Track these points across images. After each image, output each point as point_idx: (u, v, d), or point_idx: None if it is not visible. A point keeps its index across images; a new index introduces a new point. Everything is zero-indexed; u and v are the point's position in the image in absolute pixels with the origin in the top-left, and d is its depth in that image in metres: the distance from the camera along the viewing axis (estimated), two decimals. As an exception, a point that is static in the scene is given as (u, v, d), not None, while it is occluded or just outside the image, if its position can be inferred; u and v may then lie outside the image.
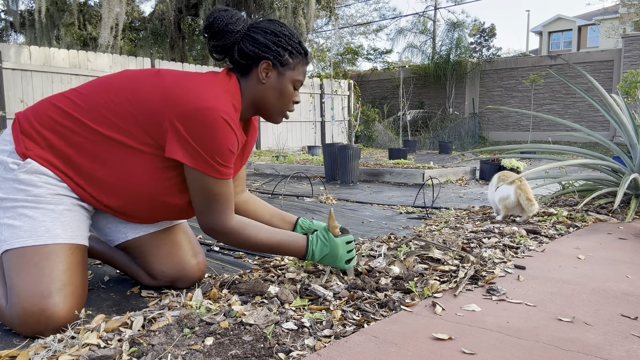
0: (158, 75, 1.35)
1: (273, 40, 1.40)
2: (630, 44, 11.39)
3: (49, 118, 1.33)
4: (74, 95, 1.36)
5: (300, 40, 1.47)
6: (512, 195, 2.47)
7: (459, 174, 5.49)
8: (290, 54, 1.43)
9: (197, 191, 1.33)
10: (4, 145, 1.33)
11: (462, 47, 14.30)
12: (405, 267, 1.61)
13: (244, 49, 1.39)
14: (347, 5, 19.94)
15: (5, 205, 1.28)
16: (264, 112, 1.48)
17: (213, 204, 1.34)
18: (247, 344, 1.07)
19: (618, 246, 2.07)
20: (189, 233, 1.62)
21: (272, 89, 1.43)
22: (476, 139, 13.40)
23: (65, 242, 1.27)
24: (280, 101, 1.46)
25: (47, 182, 1.29)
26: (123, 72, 1.40)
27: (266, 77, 1.42)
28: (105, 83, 1.36)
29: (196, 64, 10.88)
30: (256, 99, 1.44)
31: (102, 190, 1.35)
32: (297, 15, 10.80)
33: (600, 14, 24.06)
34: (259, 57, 1.39)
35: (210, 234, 1.40)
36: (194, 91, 1.29)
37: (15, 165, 1.29)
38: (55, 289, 1.21)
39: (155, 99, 1.29)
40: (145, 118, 1.29)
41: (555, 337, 1.13)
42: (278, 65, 1.41)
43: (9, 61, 6.86)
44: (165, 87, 1.30)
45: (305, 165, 6.36)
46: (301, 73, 1.47)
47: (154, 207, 1.40)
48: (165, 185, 1.36)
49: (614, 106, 3.10)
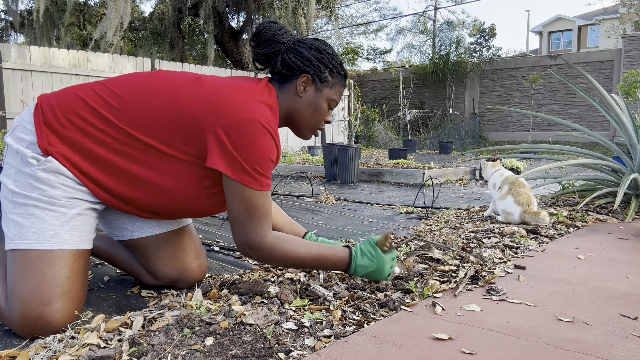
0: (199, 82, 1.32)
1: (316, 56, 1.42)
2: (630, 44, 11.39)
3: (76, 114, 1.28)
4: (105, 93, 1.31)
5: (341, 62, 1.48)
6: (516, 215, 2.47)
7: (459, 174, 5.49)
8: (330, 72, 1.44)
9: (234, 202, 1.30)
10: (24, 134, 1.28)
11: (462, 47, 14.31)
12: (405, 267, 1.61)
13: (287, 60, 1.41)
14: (347, 5, 19.95)
15: (16, 200, 1.25)
16: (296, 125, 1.48)
17: (250, 216, 1.30)
18: (247, 344, 1.07)
19: (618, 246, 2.07)
20: (193, 235, 1.61)
21: (307, 103, 1.43)
22: (476, 139, 13.41)
23: (71, 248, 1.26)
24: (313, 117, 1.46)
25: (65, 183, 1.26)
26: (160, 75, 1.36)
27: (304, 90, 1.42)
28: (142, 86, 1.32)
29: (196, 64, 10.87)
30: (290, 112, 1.44)
31: (132, 192, 1.32)
32: (297, 15, 10.80)
33: (600, 14, 24.07)
34: (300, 70, 1.40)
35: (244, 250, 1.34)
36: (238, 101, 1.27)
37: (35, 160, 1.24)
38: (55, 296, 1.21)
39: (198, 108, 1.27)
40: (186, 127, 1.27)
41: (555, 337, 1.13)
42: (317, 81, 1.42)
43: (9, 61, 6.86)
44: (208, 96, 1.28)
45: (305, 165, 6.36)
46: (337, 93, 1.48)
47: (185, 210, 1.39)
48: (203, 193, 1.34)
49: (614, 106, 3.10)
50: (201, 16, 11.07)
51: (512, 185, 2.53)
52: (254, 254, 1.34)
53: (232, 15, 12.47)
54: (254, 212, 1.30)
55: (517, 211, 2.46)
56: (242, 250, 1.34)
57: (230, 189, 1.29)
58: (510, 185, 2.53)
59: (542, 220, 2.39)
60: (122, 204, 1.35)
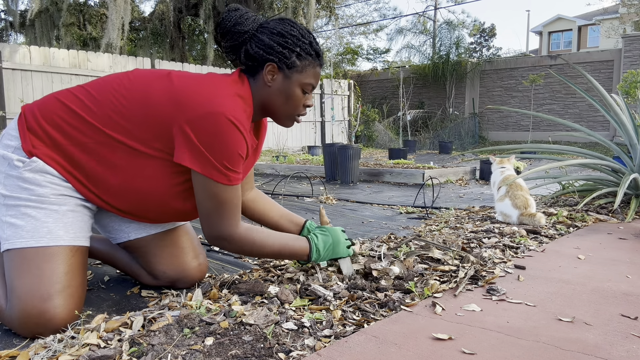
0: (168, 78, 1.31)
1: (278, 41, 1.34)
2: (630, 44, 11.39)
3: (56, 116, 1.30)
4: (82, 93, 1.32)
5: (311, 40, 1.39)
6: (513, 217, 2.48)
7: (459, 174, 5.49)
8: (298, 55, 1.35)
9: (204, 197, 1.29)
10: (9, 140, 1.31)
11: (462, 47, 14.31)
12: (405, 267, 1.61)
13: (249, 50, 1.35)
14: (347, 5, 19.95)
15: (8, 203, 1.26)
16: (273, 115, 1.44)
17: (220, 210, 1.31)
18: (247, 344, 1.07)
19: (618, 246, 2.07)
20: (191, 234, 1.61)
21: (278, 92, 1.37)
22: (476, 139, 13.40)
23: (66, 244, 1.27)
24: (287, 105, 1.40)
25: (52, 181, 1.28)
26: (133, 73, 1.36)
27: (271, 80, 1.36)
28: (115, 83, 1.32)
29: (196, 64, 10.88)
30: (263, 103, 1.40)
31: (109, 193, 1.33)
32: (297, 15, 10.80)
33: (600, 14, 24.06)
34: (263, 59, 1.34)
35: (214, 242, 1.36)
36: (204, 95, 1.25)
37: (20, 162, 1.27)
38: (55, 292, 1.21)
39: (165, 103, 1.26)
40: (155, 123, 1.27)
41: (555, 337, 1.13)
42: (284, 68, 1.35)
43: (9, 61, 6.86)
44: (175, 91, 1.27)
45: (305, 165, 6.36)
46: (311, 76, 1.39)
47: (162, 210, 1.38)
48: (175, 190, 1.34)
49: (614, 106, 3.10)
50: (201, 16, 11.08)
51: (510, 188, 2.53)
52: (225, 244, 1.36)
53: (232, 15, 12.45)
54: (224, 206, 1.31)
55: (514, 214, 2.48)
56: (212, 241, 1.36)
57: (199, 183, 1.29)
58: (508, 187, 2.54)
59: (538, 222, 2.40)
60: (103, 203, 1.36)
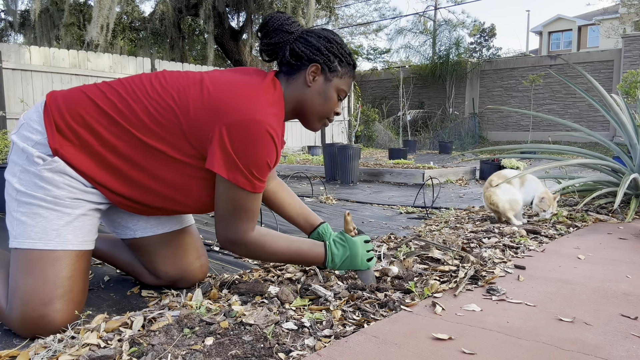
0: (203, 84, 1.31)
1: (325, 45, 1.40)
2: (630, 44, 11.39)
3: (86, 114, 1.28)
4: (112, 94, 1.31)
5: (350, 52, 1.46)
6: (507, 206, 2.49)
7: (459, 174, 5.49)
8: (340, 61, 1.42)
9: (224, 200, 1.29)
10: (30, 133, 1.27)
11: (462, 47, 14.31)
12: (405, 267, 1.61)
13: (295, 49, 1.39)
14: (347, 5, 19.95)
15: (21, 199, 1.25)
16: (305, 116, 1.45)
17: (239, 215, 1.30)
18: (247, 344, 1.07)
19: (618, 246, 2.07)
20: (195, 234, 1.61)
21: (317, 93, 1.41)
22: (476, 139, 13.41)
23: (73, 249, 1.26)
24: (323, 107, 1.43)
25: (70, 184, 1.26)
26: (164, 76, 1.35)
27: (313, 80, 1.40)
28: (147, 87, 1.31)
29: (196, 64, 10.88)
30: (298, 103, 1.42)
31: (137, 191, 1.32)
32: (296, 15, 10.80)
33: (600, 14, 24.07)
34: (309, 59, 1.39)
35: (227, 245, 1.35)
36: (243, 101, 1.25)
37: (41, 159, 1.24)
38: (56, 296, 1.21)
39: (203, 111, 1.26)
40: (191, 130, 1.26)
41: (555, 337, 1.13)
42: (326, 70, 1.40)
43: (9, 61, 6.86)
44: (213, 98, 1.27)
45: (305, 165, 6.36)
46: (347, 84, 1.46)
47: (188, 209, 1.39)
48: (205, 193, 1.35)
49: (614, 106, 3.10)
50: (201, 16, 11.07)
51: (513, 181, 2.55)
52: (236, 249, 1.36)
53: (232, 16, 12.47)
54: (242, 212, 1.31)
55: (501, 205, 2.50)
56: (224, 244, 1.36)
57: (222, 186, 1.29)
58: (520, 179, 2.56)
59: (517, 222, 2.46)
60: (130, 202, 1.35)
